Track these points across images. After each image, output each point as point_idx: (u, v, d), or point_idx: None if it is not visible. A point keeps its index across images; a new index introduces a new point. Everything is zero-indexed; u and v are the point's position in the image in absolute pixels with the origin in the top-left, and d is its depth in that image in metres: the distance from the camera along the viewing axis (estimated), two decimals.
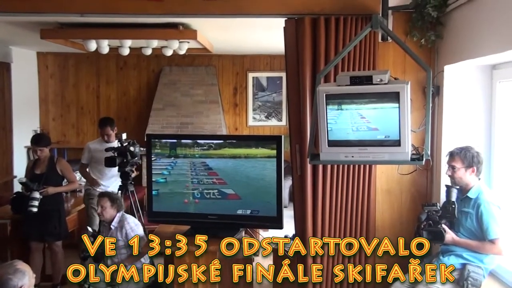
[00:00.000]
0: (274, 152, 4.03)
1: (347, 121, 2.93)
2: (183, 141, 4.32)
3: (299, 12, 3.78)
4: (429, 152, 2.84)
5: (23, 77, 7.92)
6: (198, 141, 4.23)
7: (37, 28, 5.51)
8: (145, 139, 7.18)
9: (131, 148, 5.24)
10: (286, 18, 3.82)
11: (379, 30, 3.34)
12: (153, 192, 4.32)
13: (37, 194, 4.76)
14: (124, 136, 5.29)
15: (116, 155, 5.17)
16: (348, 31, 3.68)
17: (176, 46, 6.15)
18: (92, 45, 5.91)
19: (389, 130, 2.83)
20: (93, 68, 8.54)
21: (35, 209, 4.73)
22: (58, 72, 8.53)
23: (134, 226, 4.51)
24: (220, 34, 6.13)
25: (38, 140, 5.06)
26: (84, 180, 5.71)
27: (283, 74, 8.51)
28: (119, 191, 5.29)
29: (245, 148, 4.15)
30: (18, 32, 5.95)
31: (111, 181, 5.54)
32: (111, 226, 4.54)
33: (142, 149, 5.66)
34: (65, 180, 5.13)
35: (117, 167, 5.27)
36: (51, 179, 4.94)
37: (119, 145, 5.26)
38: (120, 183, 5.34)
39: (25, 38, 6.56)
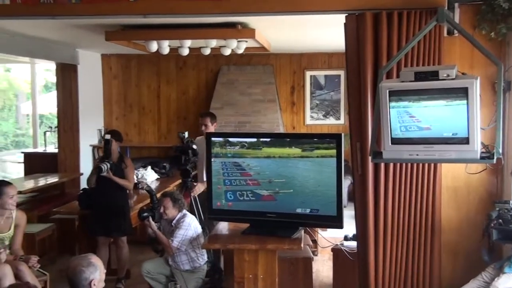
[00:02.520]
0: (333, 150, 3.98)
1: (410, 118, 2.84)
2: (240, 139, 4.36)
3: (360, 8, 3.70)
4: (500, 150, 2.72)
5: (89, 78, 8.22)
6: (260, 139, 4.24)
7: (101, 31, 5.70)
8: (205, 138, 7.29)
9: (194, 146, 5.31)
10: (346, 14, 3.76)
11: (444, 24, 3.23)
12: (213, 190, 4.37)
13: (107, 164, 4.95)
14: (186, 134, 5.36)
15: (180, 153, 5.26)
16: (412, 26, 3.57)
17: (234, 46, 6.19)
18: (154, 46, 6.04)
19: (457, 127, 2.73)
20: (154, 69, 8.74)
21: (104, 167, 4.88)
22: (121, 73, 8.80)
23: (187, 226, 4.60)
24: (278, 32, 6.12)
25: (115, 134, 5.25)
26: None
27: (341, 72, 8.40)
28: (182, 189, 5.39)
29: (303, 146, 4.12)
30: (84, 35, 6.18)
31: None
32: (172, 224, 4.65)
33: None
34: None
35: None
36: (117, 169, 5.09)
37: (181, 143, 5.33)
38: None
39: (91, 41, 6.80)
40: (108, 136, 5.08)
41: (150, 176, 7.02)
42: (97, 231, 5.18)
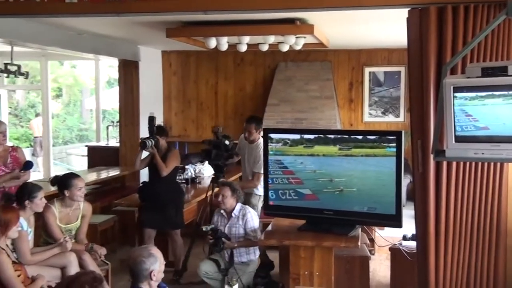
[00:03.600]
0: (393, 148, 3.91)
1: (476, 115, 2.74)
2: (300, 136, 4.35)
3: (423, 2, 3.60)
4: None
5: (149, 74, 8.43)
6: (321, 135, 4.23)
7: (162, 28, 5.83)
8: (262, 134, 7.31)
9: (226, 142, 5.33)
10: (409, 9, 3.66)
11: None
12: (270, 186, 4.38)
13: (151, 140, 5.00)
14: (220, 129, 5.38)
15: (212, 148, 5.29)
16: (479, 20, 3.43)
17: (292, 42, 6.17)
18: (212, 42, 6.12)
19: None
20: (212, 65, 8.86)
21: (149, 143, 4.93)
22: (180, 69, 8.97)
23: (254, 216, 4.66)
24: (337, 28, 6.06)
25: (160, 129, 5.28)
26: None
27: (401, 69, 8.21)
28: (211, 183, 5.42)
29: (362, 143, 4.06)
30: (145, 32, 6.34)
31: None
32: (232, 215, 4.68)
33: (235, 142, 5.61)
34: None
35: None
36: (162, 159, 5.12)
37: (215, 138, 5.35)
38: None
39: (152, 38, 6.98)
40: (152, 114, 5.15)
41: (207, 171, 7.12)
42: (148, 223, 5.27)
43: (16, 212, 3.64)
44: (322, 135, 4.28)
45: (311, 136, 4.26)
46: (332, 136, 4.24)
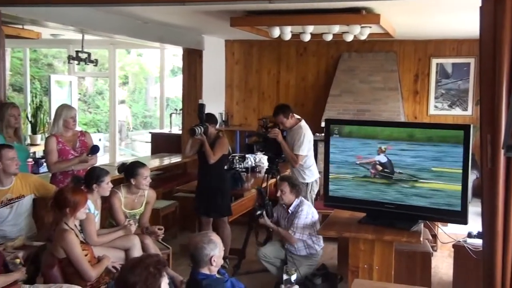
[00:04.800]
0: (460, 142, 3.77)
1: None
2: (363, 126, 4.28)
3: None
4: None
5: (212, 63, 8.53)
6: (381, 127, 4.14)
7: (227, 17, 5.87)
8: (323, 124, 7.26)
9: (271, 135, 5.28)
10: None
11: None
12: (330, 177, 4.34)
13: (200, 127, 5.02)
14: (267, 121, 5.34)
15: (261, 140, 5.26)
16: None
17: (357, 31, 6.06)
18: (276, 32, 6.11)
19: None
20: (275, 55, 8.85)
21: (198, 130, 4.95)
22: (242, 58, 9.02)
23: (306, 215, 4.61)
24: (404, 17, 5.89)
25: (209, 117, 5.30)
26: None
27: (471, 60, 7.89)
28: (265, 174, 5.41)
29: (429, 136, 3.94)
30: (210, 21, 6.41)
31: None
32: (289, 211, 4.68)
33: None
34: None
35: None
36: (211, 146, 5.13)
37: (264, 130, 5.32)
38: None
39: (216, 27, 7.04)
40: (202, 101, 5.17)
41: (266, 160, 7.15)
42: (199, 210, 5.37)
43: (84, 194, 3.79)
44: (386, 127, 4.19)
45: (376, 128, 4.18)
46: (397, 129, 4.14)
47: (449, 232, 4.54)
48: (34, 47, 11.38)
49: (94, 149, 4.62)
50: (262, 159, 7.06)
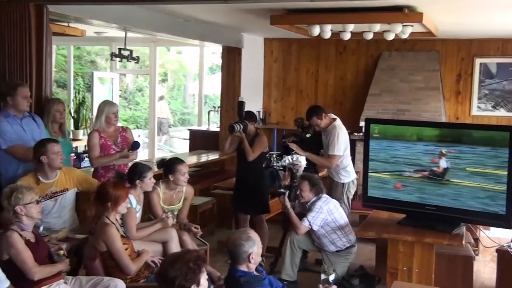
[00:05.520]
0: (506, 144, 3.67)
1: None
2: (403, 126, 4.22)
3: None
4: None
5: (251, 61, 8.54)
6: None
7: (267, 15, 5.86)
8: (362, 124, 7.19)
9: (307, 135, 5.24)
10: None
11: None
12: (369, 177, 4.30)
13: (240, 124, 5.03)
14: (303, 120, 5.30)
15: (297, 140, 5.23)
16: None
17: (398, 30, 5.95)
18: (316, 30, 6.07)
19: None
20: (314, 53, 8.79)
21: (237, 127, 4.96)
22: (281, 57, 9.00)
23: (318, 208, 4.59)
24: (447, 16, 5.75)
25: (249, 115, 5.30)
26: None
27: None
28: (286, 172, 5.36)
29: (475, 137, 3.85)
30: (250, 19, 6.43)
31: None
32: (306, 207, 4.69)
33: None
34: None
35: None
36: (250, 144, 5.16)
37: (300, 130, 5.28)
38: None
39: (255, 25, 7.05)
40: (241, 98, 5.18)
41: (304, 159, 7.11)
42: (236, 207, 5.40)
43: (125, 189, 3.86)
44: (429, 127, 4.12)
45: (417, 129, 4.12)
46: (439, 129, 4.06)
47: (492, 236, 4.42)
48: (78, 44, 11.65)
49: (135, 145, 4.70)
50: (299, 158, 7.03)
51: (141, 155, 8.69)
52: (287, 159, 6.81)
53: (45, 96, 4.79)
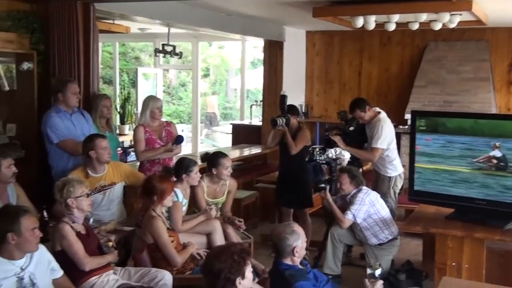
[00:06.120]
0: None
1: None
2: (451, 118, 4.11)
3: None
4: None
5: (293, 55, 8.50)
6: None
7: (309, 8, 5.82)
8: (407, 117, 7.04)
9: (350, 128, 5.15)
10: None
11: None
12: (416, 171, 4.21)
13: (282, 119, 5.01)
14: (346, 113, 5.21)
15: (341, 133, 5.16)
16: None
17: (446, 19, 5.79)
18: (359, 22, 5.97)
19: None
20: (357, 45, 8.66)
21: (279, 121, 4.95)
22: (323, 49, 8.91)
23: (360, 200, 4.52)
24: (499, 3, 5.55)
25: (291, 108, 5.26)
26: None
27: None
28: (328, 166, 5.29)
29: None
30: (292, 12, 6.39)
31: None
32: (347, 199, 4.66)
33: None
34: None
35: None
36: (293, 137, 5.14)
37: (344, 123, 5.19)
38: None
39: (297, 18, 7.01)
40: (283, 92, 5.15)
41: (347, 153, 7.04)
42: (279, 201, 5.40)
43: (171, 182, 3.92)
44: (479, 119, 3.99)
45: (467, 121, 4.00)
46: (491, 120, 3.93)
47: None
48: (123, 41, 11.89)
49: (179, 139, 4.76)
50: (343, 152, 6.96)
51: (185, 149, 8.80)
52: (330, 153, 6.77)
53: (93, 92, 4.91)
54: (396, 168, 5.22)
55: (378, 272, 3.20)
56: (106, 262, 3.37)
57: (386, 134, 5.06)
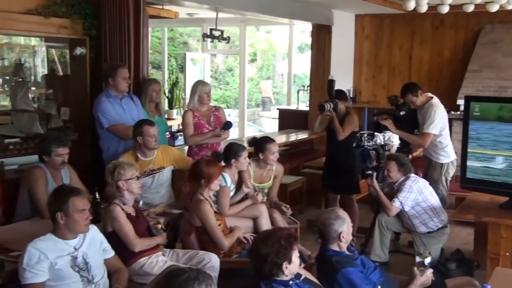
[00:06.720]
0: None
1: None
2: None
3: None
4: None
5: (341, 39, 8.36)
6: None
7: None
8: (459, 102, 6.83)
9: (401, 112, 5.02)
10: None
11: None
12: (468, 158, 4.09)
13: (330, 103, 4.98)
14: (397, 97, 5.08)
15: (391, 118, 5.03)
16: None
17: (504, 1, 5.55)
18: (411, 4, 5.81)
19: None
20: (408, 29, 8.44)
21: (327, 106, 4.90)
22: (373, 33, 8.73)
23: (408, 188, 4.42)
24: None
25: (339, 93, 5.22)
26: None
27: None
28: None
29: None
30: None
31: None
32: (394, 187, 4.56)
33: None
34: None
35: None
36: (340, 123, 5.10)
37: (394, 108, 5.07)
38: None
39: (346, 1, 6.90)
40: (331, 77, 5.08)
41: (396, 139, 6.90)
42: (326, 187, 5.38)
43: (218, 167, 3.95)
44: None
45: None
46: None
47: None
48: (171, 26, 12.02)
49: (227, 125, 4.79)
50: (392, 137, 6.82)
51: (231, 134, 8.87)
52: (379, 139, 6.66)
53: (143, 76, 4.99)
54: (448, 155, 5.08)
55: (427, 260, 3.15)
56: (155, 243, 3.44)
57: (438, 120, 4.93)
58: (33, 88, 6.34)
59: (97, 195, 3.73)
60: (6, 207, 3.89)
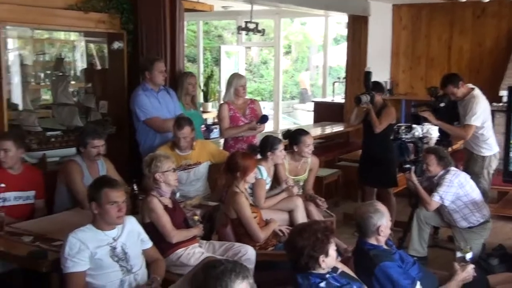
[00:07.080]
0: None
1: None
2: None
3: None
4: None
5: (378, 30, 8.22)
6: None
7: None
8: (502, 93, 6.63)
9: (441, 104, 4.88)
10: None
11: None
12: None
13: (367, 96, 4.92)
14: (437, 89, 4.95)
15: (431, 110, 4.91)
16: None
17: None
18: None
19: None
20: (447, 18, 8.21)
21: (364, 98, 4.87)
22: (410, 24, 8.53)
23: (448, 182, 4.31)
24: None
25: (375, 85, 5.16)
26: None
27: None
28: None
29: None
30: None
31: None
32: (433, 180, 4.47)
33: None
34: None
35: None
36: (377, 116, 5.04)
37: (433, 99, 4.95)
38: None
39: None
40: (368, 69, 5.01)
41: (435, 131, 6.76)
42: (363, 180, 5.34)
43: (253, 159, 3.95)
44: None
45: None
46: None
47: None
48: (206, 19, 12.07)
49: (264, 119, 4.79)
50: (430, 130, 6.68)
51: (266, 126, 8.86)
52: (417, 131, 6.53)
53: (178, 70, 5.03)
54: (491, 148, 4.95)
55: (468, 255, 3.08)
56: (191, 235, 3.47)
57: (480, 111, 4.81)
58: (72, 82, 6.47)
59: (135, 187, 3.78)
60: (48, 198, 3.99)
